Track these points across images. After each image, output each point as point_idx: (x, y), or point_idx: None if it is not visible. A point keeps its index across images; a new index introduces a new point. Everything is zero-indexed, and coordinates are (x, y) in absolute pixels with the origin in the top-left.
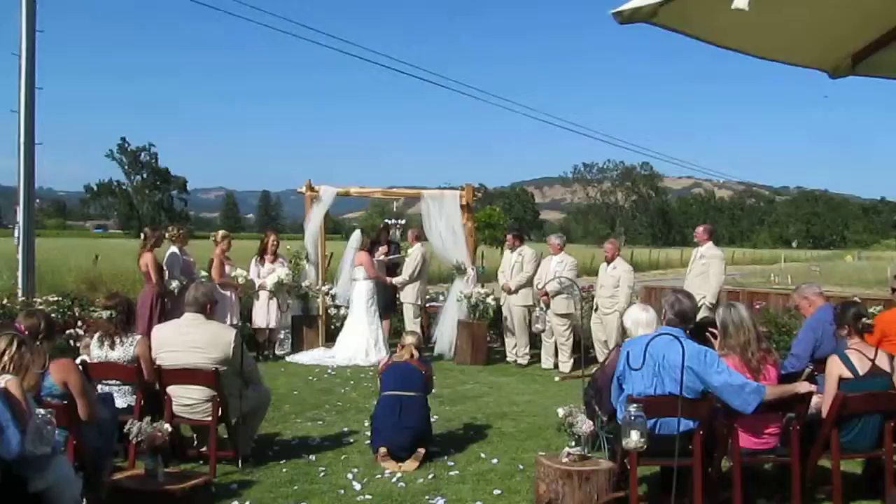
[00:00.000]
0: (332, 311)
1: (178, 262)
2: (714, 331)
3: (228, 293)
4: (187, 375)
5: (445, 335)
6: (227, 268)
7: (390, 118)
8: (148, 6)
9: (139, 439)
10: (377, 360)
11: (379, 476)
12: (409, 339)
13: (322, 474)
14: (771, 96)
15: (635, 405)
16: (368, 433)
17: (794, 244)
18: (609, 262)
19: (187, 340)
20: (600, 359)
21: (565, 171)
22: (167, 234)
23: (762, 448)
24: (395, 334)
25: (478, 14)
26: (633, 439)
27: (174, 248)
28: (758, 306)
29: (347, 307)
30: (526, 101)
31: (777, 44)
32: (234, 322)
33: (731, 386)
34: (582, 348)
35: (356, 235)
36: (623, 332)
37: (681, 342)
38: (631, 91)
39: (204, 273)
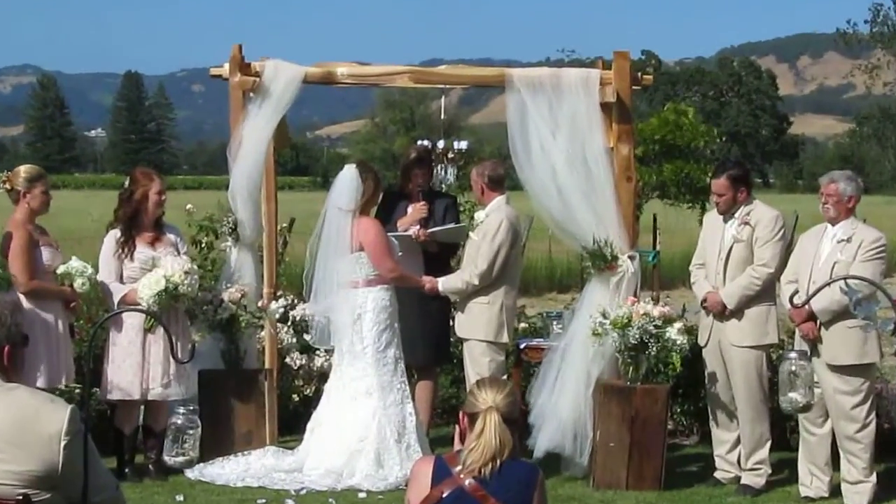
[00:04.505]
0: (297, 359)
1: None
2: None
3: (50, 316)
4: None
5: (561, 413)
6: (45, 255)
7: None
8: None
9: None
10: (403, 475)
11: None
12: (487, 397)
13: None
14: None
15: None
16: None
17: None
18: None
19: None
20: None
21: (851, 23)
22: None
23: None
24: (449, 412)
25: None
26: None
27: None
28: None
29: (330, 351)
30: None
31: None
32: (65, 384)
33: None
34: None
35: (349, 177)
36: None
37: None
38: None
39: None
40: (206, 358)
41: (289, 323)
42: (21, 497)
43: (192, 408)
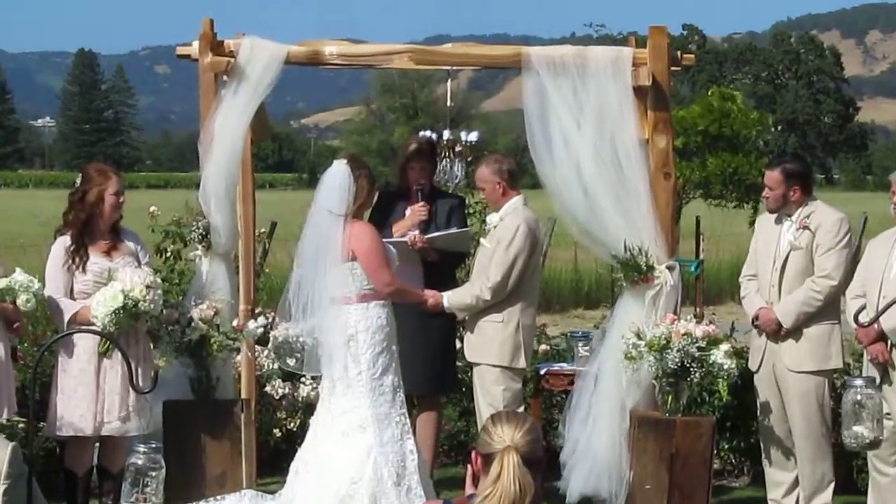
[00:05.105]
0: (278, 388)
1: None
2: None
3: None
4: None
5: (596, 450)
6: None
7: None
8: None
9: None
10: None
11: None
12: (504, 435)
13: None
14: None
15: None
16: None
17: None
18: None
19: None
20: None
21: None
22: None
23: None
24: (456, 449)
25: None
26: None
27: None
28: None
29: (318, 378)
30: None
31: None
32: (6, 417)
33: None
34: None
35: (338, 176)
36: None
37: None
38: None
39: None
40: (171, 387)
41: (269, 345)
42: None
43: (154, 445)
